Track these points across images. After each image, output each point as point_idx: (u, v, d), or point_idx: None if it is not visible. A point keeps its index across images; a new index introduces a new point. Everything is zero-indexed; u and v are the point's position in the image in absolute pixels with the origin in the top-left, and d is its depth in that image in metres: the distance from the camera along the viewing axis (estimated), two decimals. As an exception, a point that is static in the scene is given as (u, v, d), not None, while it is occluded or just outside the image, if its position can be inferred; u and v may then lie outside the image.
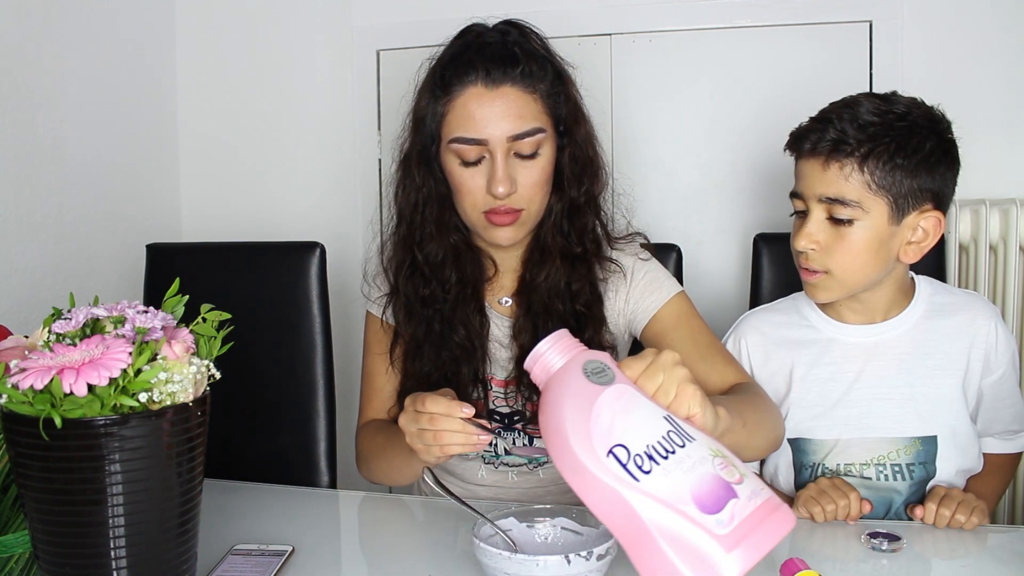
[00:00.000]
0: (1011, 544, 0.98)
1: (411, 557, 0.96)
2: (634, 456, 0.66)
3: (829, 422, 1.13)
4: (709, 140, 1.98)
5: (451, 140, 1.09)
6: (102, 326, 0.74)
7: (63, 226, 1.77)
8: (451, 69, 1.09)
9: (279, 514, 1.09)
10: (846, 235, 1.06)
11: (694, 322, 1.18)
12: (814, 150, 1.07)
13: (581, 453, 0.67)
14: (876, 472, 1.11)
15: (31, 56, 1.67)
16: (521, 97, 1.08)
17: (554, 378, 0.73)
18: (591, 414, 0.68)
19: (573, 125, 1.14)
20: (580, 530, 0.89)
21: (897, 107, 1.06)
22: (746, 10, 1.92)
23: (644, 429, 0.68)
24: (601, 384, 0.70)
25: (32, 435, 0.67)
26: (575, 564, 0.78)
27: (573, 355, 0.74)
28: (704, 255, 1.99)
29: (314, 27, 2.14)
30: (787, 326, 1.20)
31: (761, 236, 1.48)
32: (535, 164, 1.10)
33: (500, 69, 1.07)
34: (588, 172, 1.16)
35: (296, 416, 1.46)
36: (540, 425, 0.72)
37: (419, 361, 1.17)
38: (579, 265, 1.16)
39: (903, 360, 1.13)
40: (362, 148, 2.14)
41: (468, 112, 1.07)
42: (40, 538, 0.71)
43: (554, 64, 1.12)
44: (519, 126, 1.07)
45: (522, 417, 1.18)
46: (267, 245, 1.56)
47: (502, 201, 1.08)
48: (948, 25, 1.85)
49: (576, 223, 1.17)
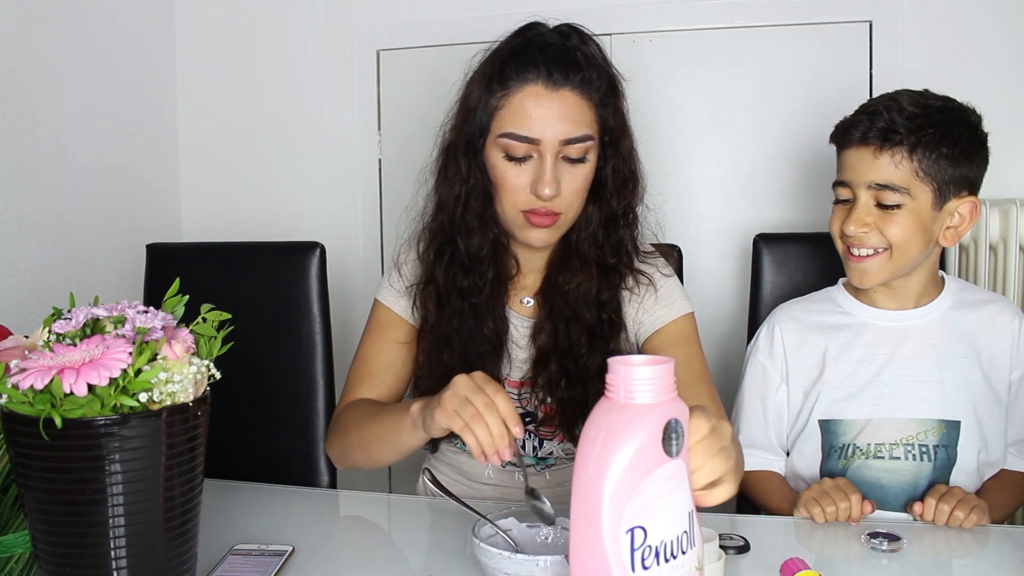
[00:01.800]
0: (1011, 544, 0.98)
1: (411, 557, 0.96)
2: (646, 545, 0.62)
3: (860, 402, 1.17)
4: (709, 140, 1.98)
5: (502, 134, 1.08)
6: (102, 326, 0.74)
7: (63, 226, 1.77)
8: (511, 64, 1.08)
9: (279, 514, 1.09)
10: (894, 218, 1.13)
11: (693, 348, 1.18)
12: (865, 139, 1.13)
13: (607, 513, 0.62)
14: (904, 452, 1.14)
15: (31, 56, 1.67)
16: (578, 102, 1.07)
17: (635, 413, 0.64)
18: (643, 482, 0.62)
19: (620, 137, 1.14)
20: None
21: (935, 101, 1.14)
22: (746, 10, 1.92)
23: (669, 523, 0.64)
24: (668, 454, 0.64)
25: (32, 435, 0.67)
26: None
27: (664, 400, 0.65)
28: (704, 255, 1.99)
29: (314, 27, 2.14)
30: (821, 313, 1.25)
31: (761, 236, 1.48)
32: (580, 170, 1.09)
33: (562, 72, 1.06)
34: (629, 186, 1.16)
35: (296, 416, 1.46)
36: (585, 439, 0.64)
37: (445, 353, 1.15)
38: (611, 275, 1.17)
39: (933, 345, 1.17)
40: (362, 148, 2.14)
41: (525, 109, 1.06)
42: (40, 538, 0.71)
43: (610, 74, 1.12)
44: (573, 130, 1.06)
45: (534, 419, 1.18)
46: (267, 245, 1.56)
47: (544, 203, 1.08)
48: (948, 25, 1.85)
49: (612, 235, 1.17)
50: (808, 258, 1.44)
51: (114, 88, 1.94)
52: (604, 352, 1.14)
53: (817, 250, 1.44)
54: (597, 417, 0.65)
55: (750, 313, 1.47)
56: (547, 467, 1.21)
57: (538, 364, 1.16)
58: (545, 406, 1.16)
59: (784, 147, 1.95)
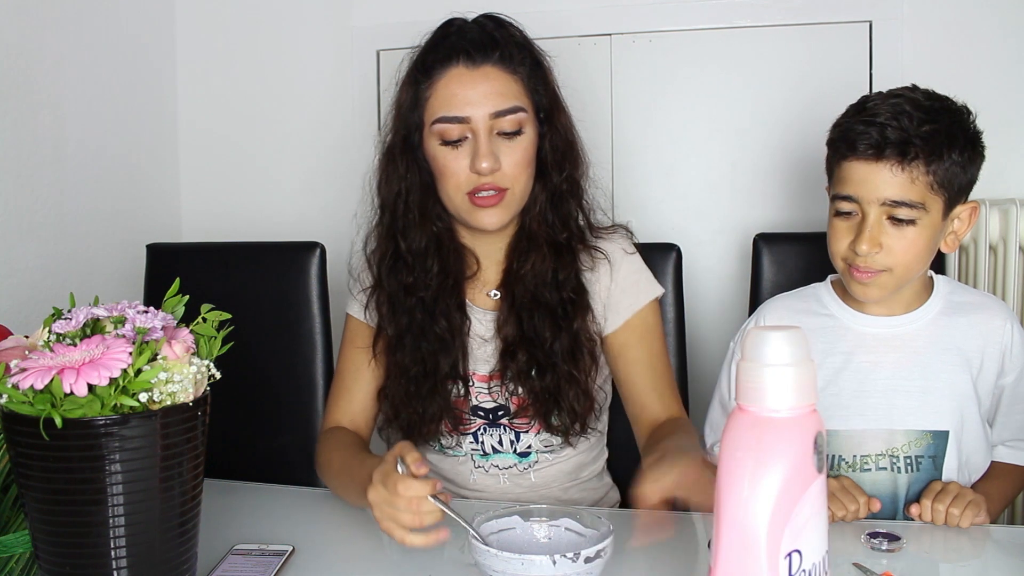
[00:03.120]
0: (1011, 544, 0.98)
1: (411, 558, 0.96)
2: (801, 570, 0.57)
3: (846, 412, 1.13)
4: (709, 140, 1.98)
5: (434, 121, 1.10)
6: (102, 326, 0.74)
7: (63, 226, 1.77)
8: (432, 55, 1.12)
9: (279, 514, 1.09)
10: (907, 235, 1.05)
11: (656, 343, 1.20)
12: (878, 153, 1.03)
13: (767, 537, 0.56)
14: (890, 463, 1.11)
15: (31, 55, 1.67)
16: (501, 76, 1.10)
17: (784, 427, 0.57)
18: (800, 501, 0.57)
19: (553, 112, 1.16)
20: (583, 531, 0.88)
21: (937, 102, 1.06)
22: (746, 10, 1.92)
23: (820, 542, 0.59)
24: (818, 468, 0.58)
25: (32, 435, 0.67)
26: (561, 565, 0.76)
27: (809, 410, 0.58)
28: (704, 255, 1.99)
29: (314, 27, 2.14)
30: (805, 313, 1.20)
31: (761, 236, 1.48)
32: (518, 143, 1.11)
33: (481, 51, 1.10)
34: (569, 158, 1.17)
35: (296, 416, 1.46)
36: (732, 458, 0.58)
37: (400, 353, 1.16)
38: (564, 253, 1.17)
39: (919, 354, 1.13)
40: (362, 148, 2.13)
41: (451, 92, 1.09)
42: (40, 538, 0.71)
43: (532, 52, 1.15)
44: (501, 103, 1.09)
45: (507, 412, 1.18)
46: (267, 245, 1.56)
47: (487, 179, 1.09)
48: (948, 25, 1.85)
49: (560, 210, 1.18)
50: (808, 258, 1.44)
51: (114, 89, 1.94)
52: (570, 333, 1.14)
53: (817, 250, 1.43)
54: (740, 432, 0.59)
55: (750, 313, 1.47)
56: (530, 466, 1.20)
57: (505, 356, 1.16)
58: (517, 398, 1.16)
59: (784, 147, 1.95)
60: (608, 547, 0.80)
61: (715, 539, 0.60)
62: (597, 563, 0.79)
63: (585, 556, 0.77)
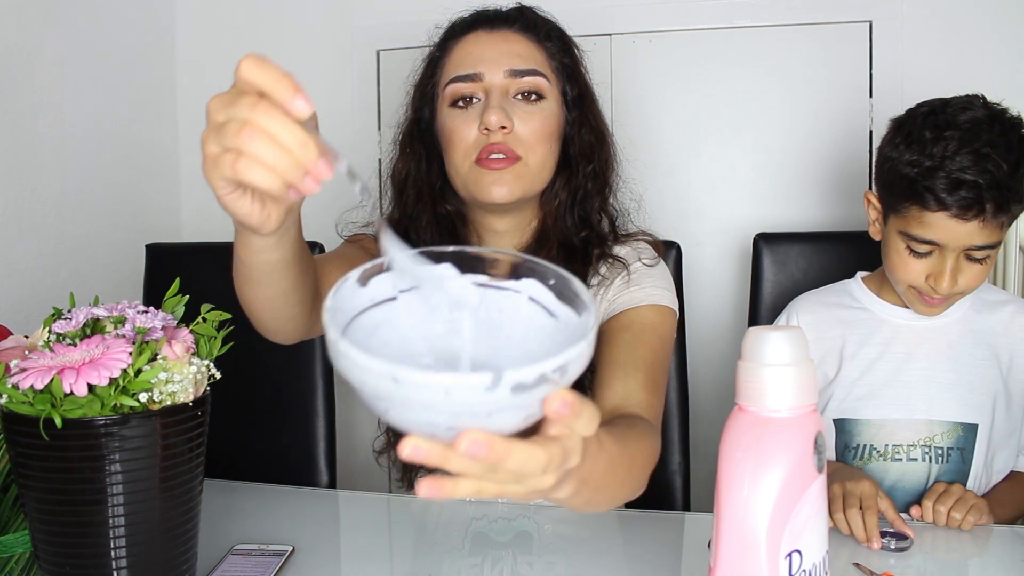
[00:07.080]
0: (1020, 544, 0.98)
1: (411, 557, 0.96)
2: (801, 570, 0.57)
3: (879, 401, 1.15)
4: (709, 140, 1.98)
5: (447, 83, 1.02)
6: (102, 326, 0.74)
7: (63, 226, 1.77)
8: (451, 31, 1.06)
9: (279, 514, 1.09)
10: (981, 266, 1.07)
11: (645, 336, 1.00)
12: (962, 213, 1.02)
13: (767, 537, 0.56)
14: (922, 453, 1.13)
15: (31, 56, 1.67)
16: (522, 40, 1.02)
17: (783, 426, 0.57)
18: (800, 501, 0.57)
19: (583, 98, 1.07)
20: (555, 310, 0.56)
21: (1013, 132, 1.03)
22: (746, 10, 1.92)
23: (820, 542, 0.58)
24: (818, 468, 0.58)
25: (32, 435, 0.67)
26: (469, 393, 0.43)
27: (809, 409, 0.58)
28: (704, 255, 1.99)
29: (314, 27, 2.14)
30: (839, 307, 1.23)
31: (761, 236, 1.48)
32: (536, 109, 1.01)
33: (503, 18, 1.04)
34: (599, 152, 1.08)
35: (296, 416, 1.46)
36: (731, 457, 0.58)
37: None
38: (577, 258, 1.07)
39: (952, 347, 1.16)
40: (362, 148, 2.14)
41: (467, 51, 1.02)
42: (40, 538, 0.71)
43: (564, 36, 1.07)
44: (518, 63, 1.00)
45: None
46: (267, 245, 1.55)
47: (497, 139, 0.98)
48: (948, 25, 1.85)
49: (581, 209, 1.08)
50: (808, 258, 1.44)
51: (114, 89, 1.94)
52: None
53: (817, 250, 1.44)
54: (740, 432, 0.59)
55: (750, 313, 1.47)
56: None
57: None
58: None
59: (784, 147, 1.96)
60: (576, 359, 0.45)
61: (715, 539, 0.60)
62: (543, 389, 0.44)
63: (517, 381, 0.42)
